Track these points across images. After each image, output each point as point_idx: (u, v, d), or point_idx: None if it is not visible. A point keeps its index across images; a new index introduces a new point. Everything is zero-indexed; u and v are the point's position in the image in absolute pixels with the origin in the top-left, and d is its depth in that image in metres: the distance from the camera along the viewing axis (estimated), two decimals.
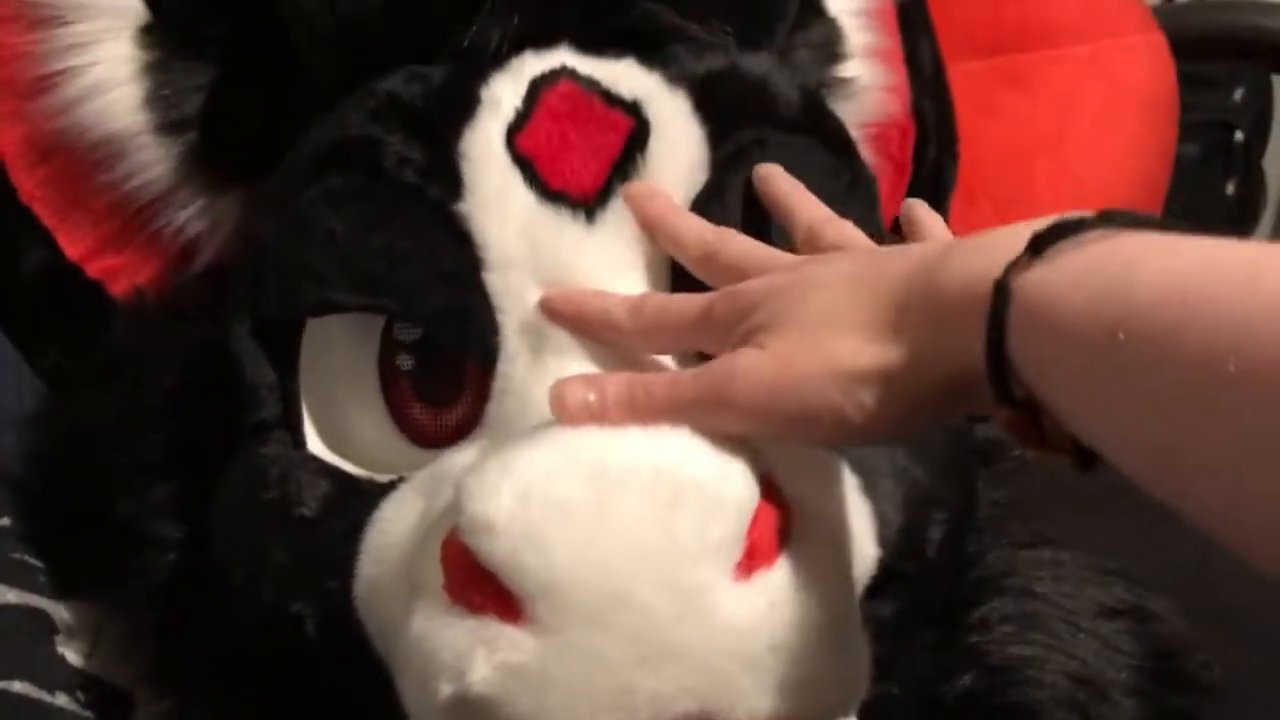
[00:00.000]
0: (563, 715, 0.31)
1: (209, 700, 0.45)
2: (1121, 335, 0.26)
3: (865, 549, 0.40)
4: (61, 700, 0.48)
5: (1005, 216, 0.65)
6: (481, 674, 0.31)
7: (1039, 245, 0.29)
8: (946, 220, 0.56)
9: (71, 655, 0.49)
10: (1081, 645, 0.47)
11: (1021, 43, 0.63)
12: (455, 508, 0.33)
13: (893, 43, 0.56)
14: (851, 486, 0.40)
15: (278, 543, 0.41)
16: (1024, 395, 0.30)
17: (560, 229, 0.39)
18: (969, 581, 0.48)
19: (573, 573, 0.31)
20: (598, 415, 0.34)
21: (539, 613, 0.31)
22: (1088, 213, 0.30)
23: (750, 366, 0.33)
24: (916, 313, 0.32)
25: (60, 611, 0.49)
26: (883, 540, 0.41)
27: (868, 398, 0.32)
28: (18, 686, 0.47)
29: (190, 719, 0.44)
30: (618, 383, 0.35)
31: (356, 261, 0.41)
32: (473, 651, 0.32)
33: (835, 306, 0.33)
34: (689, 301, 0.37)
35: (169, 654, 0.47)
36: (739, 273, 0.37)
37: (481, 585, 0.32)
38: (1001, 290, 0.29)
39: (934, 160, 0.58)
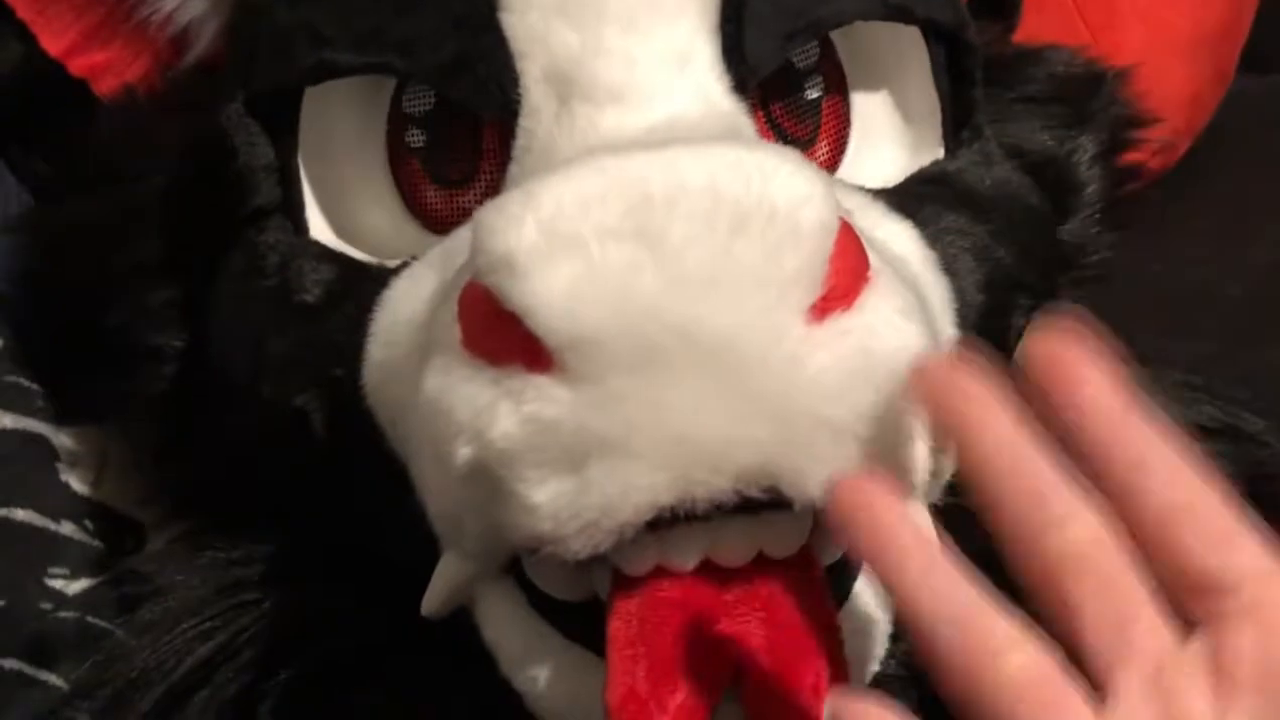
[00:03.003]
0: (601, 476, 0.27)
1: (218, 523, 0.41)
2: None
3: (943, 327, 0.35)
4: (67, 529, 0.45)
5: (1084, 10, 0.60)
6: (504, 428, 0.27)
7: None
8: (1018, 21, 0.50)
9: (75, 483, 0.46)
10: None
11: None
12: (473, 247, 0.28)
13: None
14: (925, 259, 0.36)
15: (276, 333, 0.37)
16: None
17: None
18: None
19: (611, 314, 0.26)
20: None
21: (571, 362, 0.27)
22: None
23: None
24: None
25: (60, 437, 0.46)
26: (962, 321, 0.36)
27: None
28: (20, 514, 0.44)
29: (202, 544, 0.41)
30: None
31: (358, 14, 0.36)
32: (495, 405, 0.27)
33: None
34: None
35: (172, 475, 0.44)
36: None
37: (505, 332, 0.27)
38: None
39: None
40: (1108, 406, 0.25)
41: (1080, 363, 0.26)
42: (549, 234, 0.27)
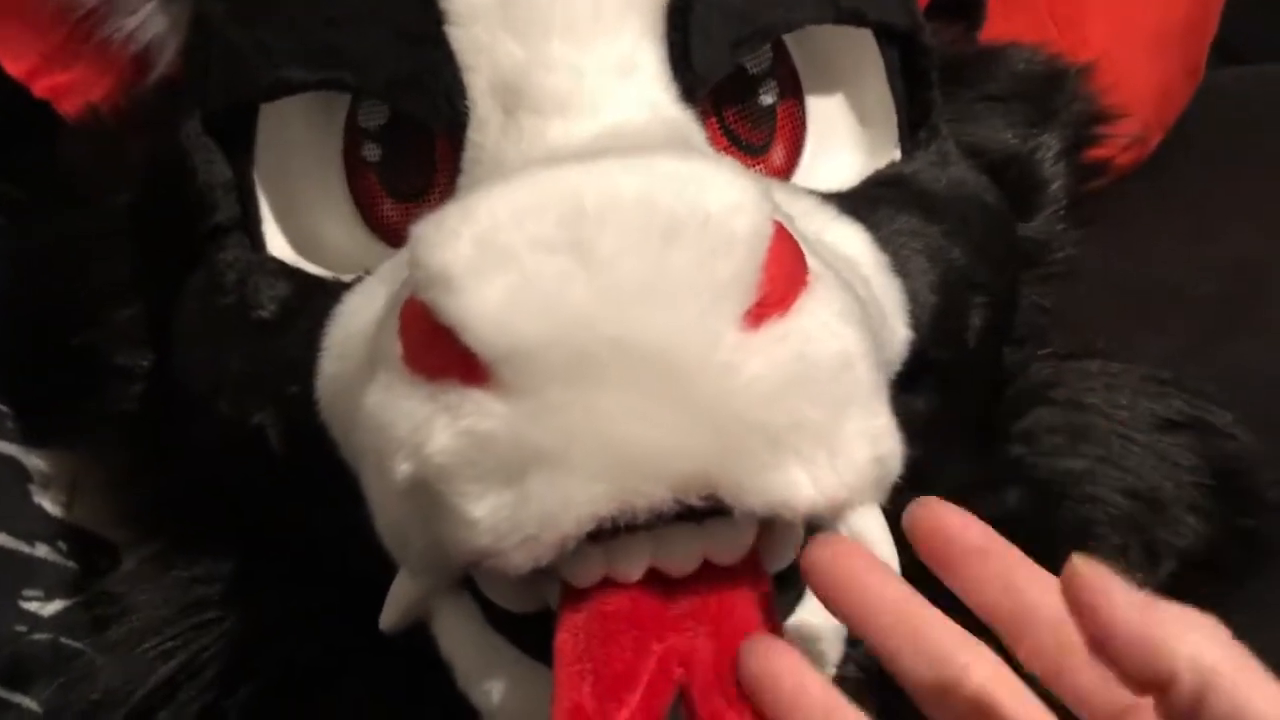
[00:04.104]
0: (540, 489, 0.27)
1: (189, 541, 0.41)
2: None
3: (895, 327, 0.35)
4: (42, 551, 0.45)
5: (1053, 5, 0.60)
6: (441, 443, 0.27)
7: None
8: (983, 20, 0.50)
9: (49, 505, 0.46)
10: (1136, 459, 0.42)
11: None
12: (410, 262, 0.28)
13: None
14: (877, 262, 0.36)
15: (234, 350, 0.37)
16: None
17: None
18: (1011, 393, 0.44)
19: (544, 325, 0.26)
20: None
21: (505, 375, 0.27)
22: None
23: None
24: None
25: (33, 460, 0.46)
26: (916, 322, 0.36)
27: None
28: None
29: (175, 563, 0.41)
30: None
31: (309, 31, 0.36)
32: (432, 420, 0.27)
33: None
34: None
35: (143, 494, 0.44)
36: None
37: (442, 347, 0.27)
38: None
39: None
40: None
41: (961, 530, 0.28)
42: (483, 247, 0.27)
